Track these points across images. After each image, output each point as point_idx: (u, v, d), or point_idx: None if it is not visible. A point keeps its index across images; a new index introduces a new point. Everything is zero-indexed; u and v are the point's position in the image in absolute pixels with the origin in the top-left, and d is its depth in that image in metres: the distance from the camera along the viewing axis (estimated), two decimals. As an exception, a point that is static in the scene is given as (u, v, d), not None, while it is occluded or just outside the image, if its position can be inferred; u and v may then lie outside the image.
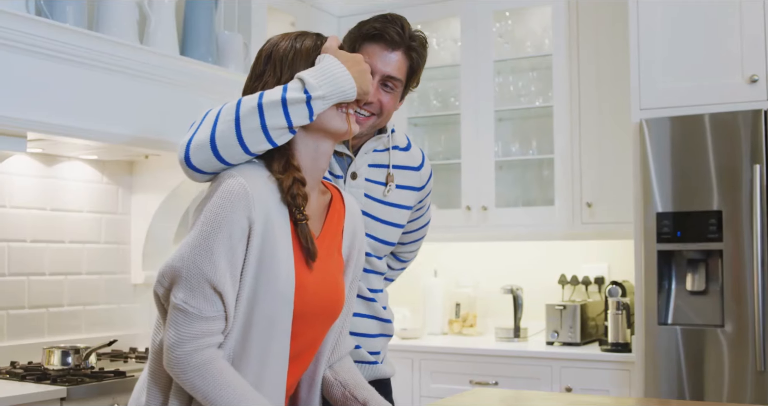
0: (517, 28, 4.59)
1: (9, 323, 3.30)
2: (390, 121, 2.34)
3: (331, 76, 1.78)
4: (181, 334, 1.68)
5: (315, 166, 1.86)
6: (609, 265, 4.42)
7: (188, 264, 1.69)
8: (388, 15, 2.25)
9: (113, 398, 2.84)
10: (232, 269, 1.71)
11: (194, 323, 1.68)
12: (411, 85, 2.29)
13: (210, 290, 1.68)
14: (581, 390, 3.80)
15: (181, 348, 1.68)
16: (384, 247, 2.34)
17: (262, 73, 1.85)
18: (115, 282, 3.74)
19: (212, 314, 1.69)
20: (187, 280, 1.69)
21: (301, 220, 1.79)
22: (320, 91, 1.76)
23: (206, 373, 1.67)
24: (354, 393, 1.99)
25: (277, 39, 1.89)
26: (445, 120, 4.78)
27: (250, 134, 1.74)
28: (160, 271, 1.74)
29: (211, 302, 1.68)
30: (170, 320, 1.70)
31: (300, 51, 1.84)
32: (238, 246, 1.71)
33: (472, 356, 4.08)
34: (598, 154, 4.15)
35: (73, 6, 3.05)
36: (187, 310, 1.68)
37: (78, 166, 3.59)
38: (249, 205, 1.72)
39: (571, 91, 4.23)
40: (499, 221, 4.36)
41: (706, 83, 3.58)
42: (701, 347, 3.47)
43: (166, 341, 1.70)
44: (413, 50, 2.23)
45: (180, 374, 1.69)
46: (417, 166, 2.42)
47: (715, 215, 3.45)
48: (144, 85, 3.21)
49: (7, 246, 3.31)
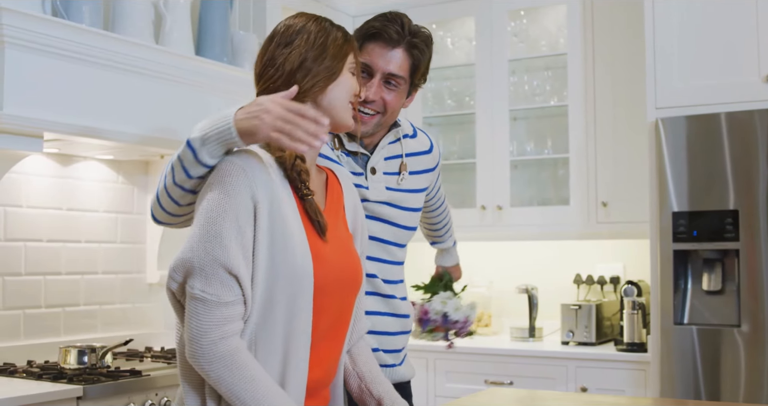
0: (532, 28, 4.58)
1: (26, 322, 3.31)
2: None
3: (214, 117, 1.79)
4: (203, 323, 1.66)
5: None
6: (624, 264, 4.40)
7: (199, 253, 1.68)
8: (388, 13, 2.27)
9: (129, 397, 2.85)
10: (244, 251, 1.70)
11: (214, 310, 1.67)
12: (417, 81, 2.30)
13: (225, 274, 1.67)
14: (596, 390, 3.78)
15: (205, 338, 1.66)
16: (407, 233, 2.39)
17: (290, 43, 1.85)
18: (130, 282, 3.76)
19: (231, 298, 1.68)
20: (200, 269, 1.68)
21: (307, 195, 1.80)
22: (197, 133, 1.78)
23: (232, 364, 1.66)
24: (369, 388, 1.99)
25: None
26: (460, 119, 4.77)
27: (172, 190, 1.81)
28: (171, 266, 1.72)
29: (228, 286, 1.67)
30: (189, 312, 1.69)
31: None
32: (246, 227, 1.71)
33: (487, 356, 4.08)
34: (614, 153, 4.14)
35: (88, 6, 3.07)
36: (205, 298, 1.67)
37: (94, 166, 3.61)
38: (250, 185, 1.72)
39: (586, 90, 4.21)
40: (514, 221, 4.35)
41: (722, 82, 3.56)
42: (717, 347, 3.45)
43: (188, 333, 1.68)
44: (414, 47, 2.24)
45: (205, 365, 1.67)
46: (428, 149, 2.48)
47: (731, 214, 3.44)
48: (159, 85, 3.22)
49: (23, 246, 3.32)
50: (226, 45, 3.62)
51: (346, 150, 2.29)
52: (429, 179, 2.48)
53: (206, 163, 1.75)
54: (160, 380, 2.96)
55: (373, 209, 2.30)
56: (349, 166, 2.27)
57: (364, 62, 2.23)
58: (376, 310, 2.30)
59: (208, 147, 1.75)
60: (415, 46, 2.24)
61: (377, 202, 2.30)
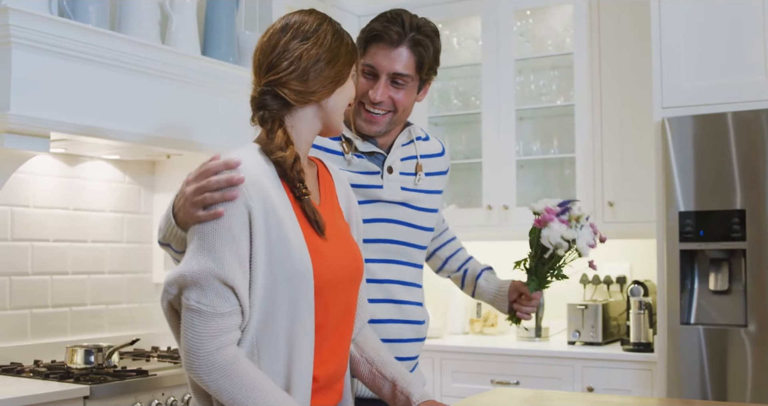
0: (538, 27, 4.58)
1: (32, 322, 3.32)
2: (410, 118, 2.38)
3: (165, 213, 1.84)
4: (199, 334, 1.65)
5: (307, 143, 1.88)
6: (631, 264, 4.40)
7: (192, 267, 1.66)
8: (388, 13, 2.26)
9: (136, 397, 2.85)
10: (240, 260, 1.68)
11: (210, 321, 1.65)
12: (425, 75, 2.29)
13: (221, 285, 1.66)
14: (603, 390, 3.78)
15: (201, 349, 1.65)
16: (425, 234, 2.38)
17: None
18: (137, 281, 3.76)
19: (227, 309, 1.66)
20: (194, 282, 1.66)
21: (304, 195, 1.79)
22: (159, 235, 1.87)
23: (231, 373, 1.65)
24: (381, 371, 1.98)
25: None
26: (466, 119, 4.77)
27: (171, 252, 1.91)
28: (167, 280, 1.71)
29: (224, 297, 1.66)
30: (185, 323, 1.67)
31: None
32: (240, 236, 1.68)
33: (493, 356, 4.07)
34: (620, 153, 4.13)
35: (95, 6, 3.07)
36: (201, 309, 1.65)
37: (100, 166, 3.61)
38: (243, 194, 1.70)
39: (592, 90, 4.21)
40: (520, 221, 4.34)
41: (728, 81, 3.55)
42: (724, 346, 3.44)
43: (185, 345, 1.67)
44: (418, 44, 2.23)
45: (203, 377, 1.66)
46: (440, 152, 2.49)
47: (738, 213, 3.43)
48: (165, 85, 3.22)
49: (30, 246, 3.33)
50: (232, 45, 3.62)
51: (358, 152, 2.28)
52: (443, 182, 2.49)
53: (182, 249, 1.81)
54: (166, 380, 2.96)
55: (389, 211, 2.29)
56: (361, 166, 2.26)
57: (369, 64, 2.23)
58: (387, 318, 2.27)
59: (174, 242, 1.82)
60: (419, 43, 2.23)
61: (392, 202, 2.29)
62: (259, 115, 1.83)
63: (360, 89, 2.23)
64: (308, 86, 1.81)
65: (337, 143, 2.27)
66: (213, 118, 3.38)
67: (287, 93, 1.80)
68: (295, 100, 1.81)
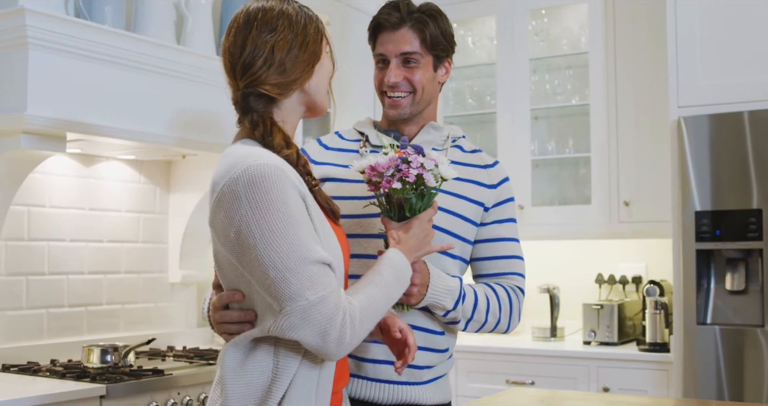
0: (553, 26, 4.57)
1: (49, 321, 3.33)
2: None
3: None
4: (325, 318, 1.61)
5: (294, 128, 1.87)
6: (646, 264, 4.38)
7: (284, 264, 1.61)
8: (389, 3, 2.29)
9: (151, 396, 2.86)
10: (316, 237, 1.67)
11: (328, 300, 1.61)
12: (437, 52, 2.25)
13: (318, 266, 1.62)
14: (619, 390, 3.77)
15: (332, 328, 1.61)
16: (443, 236, 2.18)
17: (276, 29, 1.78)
18: (153, 281, 3.78)
19: (328, 281, 1.63)
20: (287, 278, 1.60)
21: (316, 185, 1.79)
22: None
23: (362, 316, 1.66)
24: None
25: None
26: (481, 119, 4.76)
27: None
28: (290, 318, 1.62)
29: (323, 274, 1.63)
30: (309, 319, 1.61)
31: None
32: (307, 220, 1.67)
33: (508, 356, 4.07)
34: (636, 152, 4.12)
35: (111, 7, 3.09)
36: (316, 297, 1.60)
37: (116, 166, 3.63)
38: (291, 179, 1.67)
39: (607, 89, 4.20)
40: (535, 220, 4.34)
41: (745, 80, 3.53)
42: (741, 347, 3.43)
43: (319, 337, 1.61)
44: (418, 22, 2.23)
45: (359, 331, 1.65)
46: (484, 164, 2.33)
47: (754, 213, 3.41)
48: (181, 85, 3.23)
49: (47, 245, 3.35)
50: (247, 45, 3.62)
51: (372, 147, 2.27)
52: (488, 197, 2.26)
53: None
54: (182, 380, 2.97)
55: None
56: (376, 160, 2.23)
57: (380, 53, 2.25)
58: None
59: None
60: (419, 21, 2.23)
61: None
62: (248, 118, 1.79)
63: (377, 79, 2.27)
64: (288, 76, 1.77)
65: (356, 144, 2.28)
66: (228, 118, 3.37)
67: (269, 89, 1.76)
68: (278, 94, 1.77)
